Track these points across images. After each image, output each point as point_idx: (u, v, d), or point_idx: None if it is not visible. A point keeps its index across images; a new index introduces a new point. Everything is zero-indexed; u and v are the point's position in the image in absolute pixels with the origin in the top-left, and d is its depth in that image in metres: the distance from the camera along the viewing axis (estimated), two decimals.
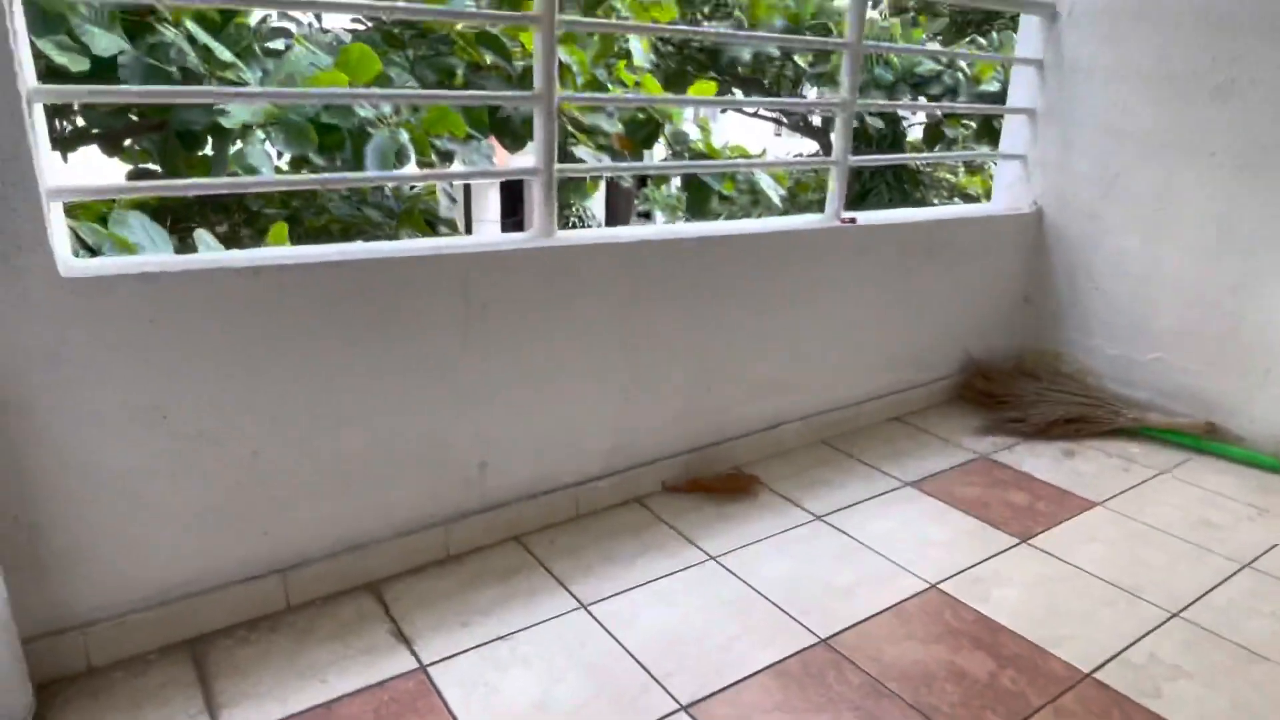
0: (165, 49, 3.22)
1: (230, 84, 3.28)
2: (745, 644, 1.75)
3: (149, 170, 4.33)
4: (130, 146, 4.25)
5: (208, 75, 3.33)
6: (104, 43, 3.06)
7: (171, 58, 3.23)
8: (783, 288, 2.51)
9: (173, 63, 3.24)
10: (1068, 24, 3.03)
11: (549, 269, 2.03)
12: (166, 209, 4.34)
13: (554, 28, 1.92)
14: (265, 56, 3.72)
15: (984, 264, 3.11)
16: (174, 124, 3.41)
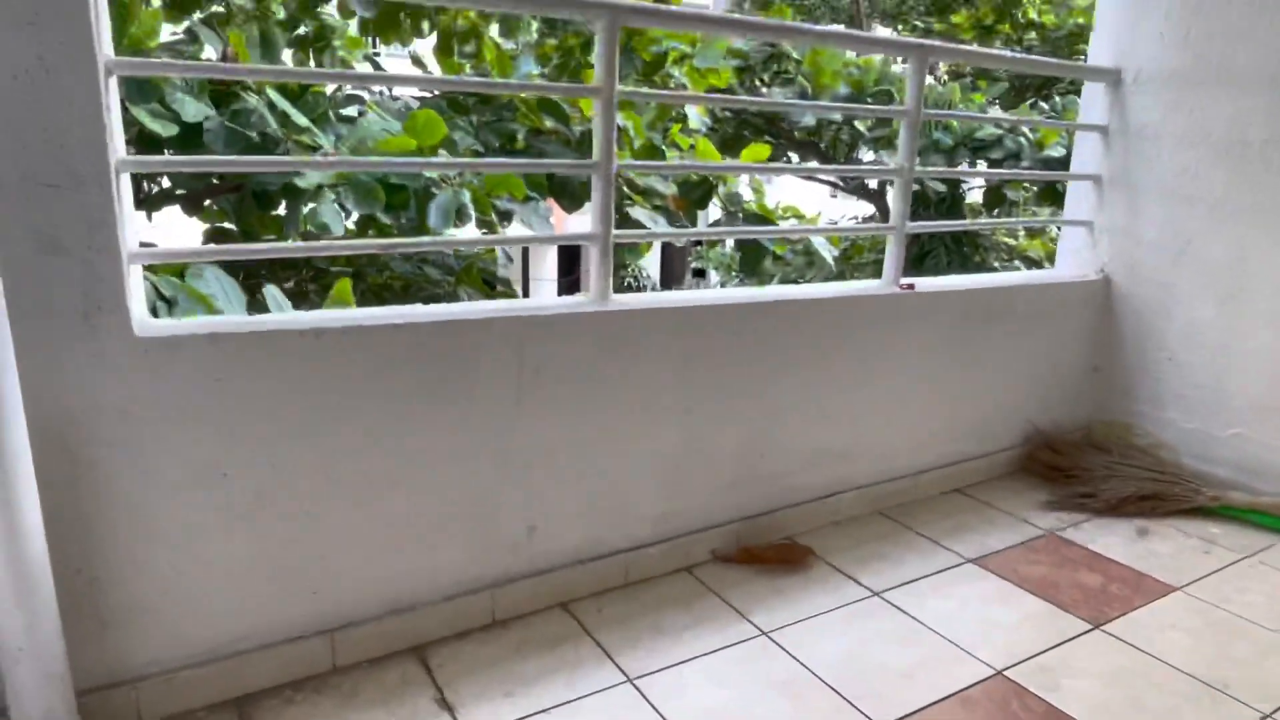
0: (247, 115, 3.41)
1: (306, 148, 3.44)
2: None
3: (225, 229, 4.54)
4: (209, 206, 4.46)
5: (285, 139, 3.51)
6: (192, 110, 3.25)
7: (252, 123, 3.42)
8: (840, 354, 2.47)
9: (253, 128, 3.43)
10: (1132, 90, 2.99)
11: (604, 333, 2.03)
12: (241, 264, 4.53)
13: (613, 99, 1.97)
14: (339, 122, 3.92)
15: (1049, 332, 3.02)
16: (251, 185, 3.59)
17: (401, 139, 3.31)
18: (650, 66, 4.52)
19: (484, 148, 4.34)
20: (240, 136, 3.35)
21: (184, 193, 4.28)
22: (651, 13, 2.03)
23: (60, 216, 1.44)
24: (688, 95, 2.96)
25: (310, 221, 3.73)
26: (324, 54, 4.12)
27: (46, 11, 1.37)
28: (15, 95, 1.37)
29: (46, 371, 1.46)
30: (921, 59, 2.51)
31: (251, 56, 3.36)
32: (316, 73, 3.07)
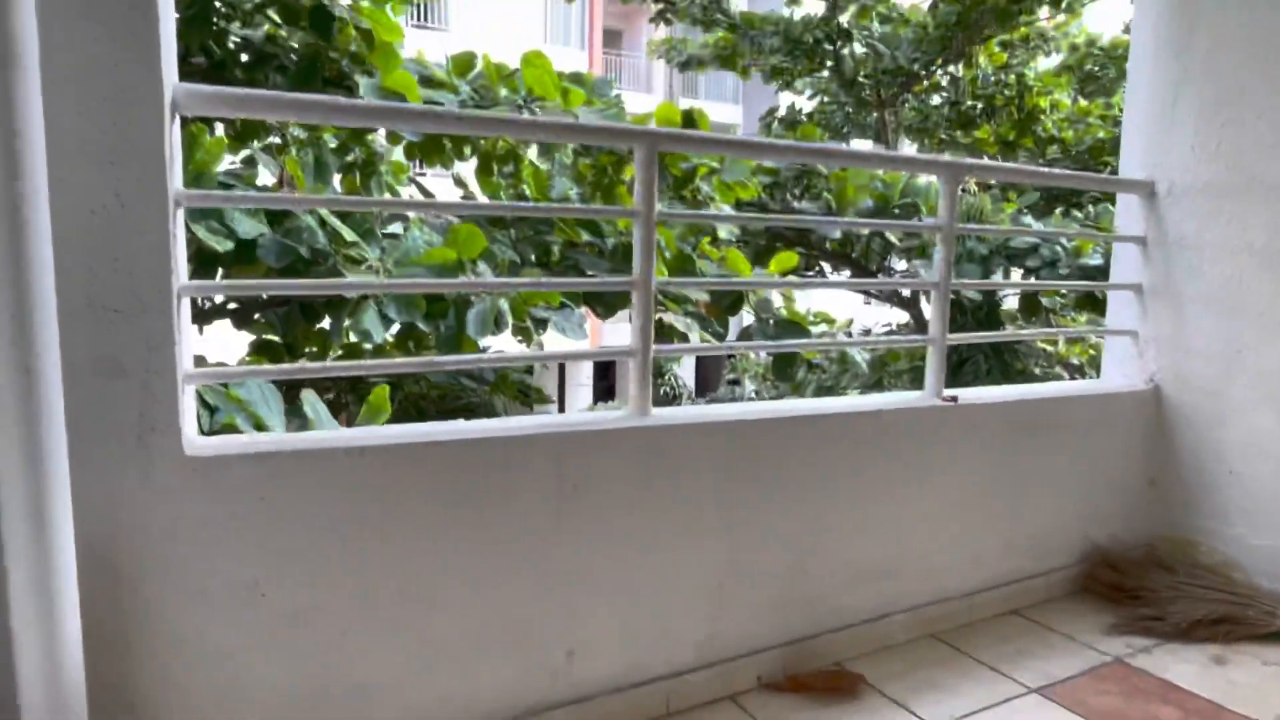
0: (299, 231, 3.59)
1: (353, 261, 3.59)
2: None
3: (270, 341, 4.70)
4: (257, 319, 4.64)
5: (334, 253, 3.67)
6: (247, 227, 3.42)
7: (303, 238, 3.60)
8: (883, 468, 2.42)
9: (304, 243, 3.60)
10: (1167, 201, 3.00)
11: (644, 449, 2.02)
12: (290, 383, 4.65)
13: (652, 220, 2.03)
14: (385, 236, 4.09)
15: (1100, 444, 2.93)
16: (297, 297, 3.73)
17: (442, 251, 3.44)
18: (680, 182, 4.69)
19: (521, 259, 4.48)
20: (291, 250, 3.52)
21: (235, 306, 4.47)
22: (687, 138, 2.12)
23: (122, 340, 1.50)
24: (724, 215, 3.05)
25: (353, 329, 3.85)
26: (371, 178, 4.35)
27: (125, 151, 1.47)
28: (91, 228, 1.45)
29: (97, 490, 1.49)
30: (954, 176, 2.56)
31: (305, 180, 3.57)
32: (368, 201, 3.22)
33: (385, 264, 3.68)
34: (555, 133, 2.53)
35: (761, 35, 8.61)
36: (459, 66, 3.81)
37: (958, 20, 8.03)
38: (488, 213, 3.69)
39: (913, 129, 11.04)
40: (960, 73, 9.20)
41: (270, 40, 3.44)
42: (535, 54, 3.76)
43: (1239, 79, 2.79)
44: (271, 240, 3.58)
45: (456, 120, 2.00)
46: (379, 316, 3.63)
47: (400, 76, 3.34)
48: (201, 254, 3.52)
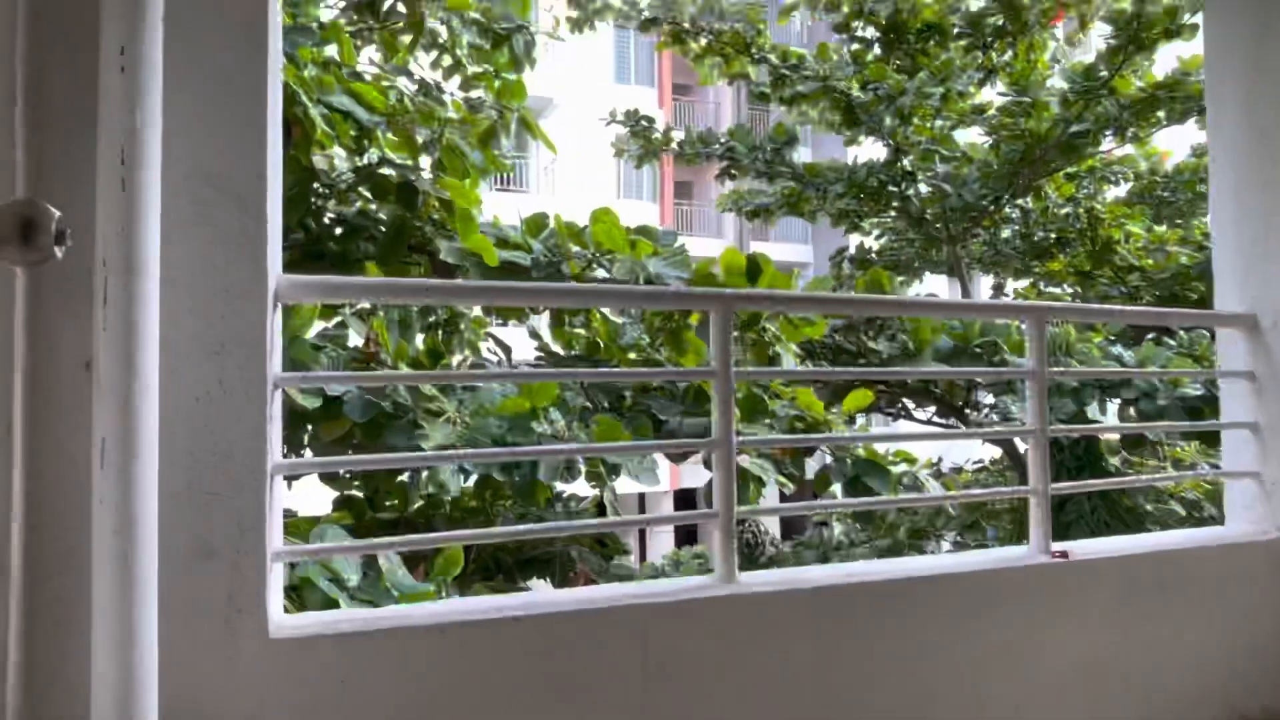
0: (381, 390, 3.72)
1: (432, 414, 3.67)
2: None
3: (353, 497, 4.80)
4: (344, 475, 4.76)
5: (414, 406, 3.78)
6: (334, 385, 3.56)
7: (386, 393, 3.73)
8: (990, 636, 2.23)
9: (387, 398, 3.73)
10: (1274, 334, 2.85)
11: (732, 620, 1.93)
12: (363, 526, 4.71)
13: (730, 379, 2.02)
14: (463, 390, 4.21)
15: (1235, 600, 2.66)
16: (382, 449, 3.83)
17: (516, 401, 3.50)
18: (746, 323, 4.72)
19: (593, 404, 4.53)
20: (375, 406, 3.64)
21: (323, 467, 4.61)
22: (761, 298, 2.14)
23: (216, 522, 1.54)
24: (802, 372, 3.05)
25: (431, 481, 3.90)
26: (453, 334, 4.54)
27: (230, 340, 1.56)
28: (195, 414, 1.52)
29: (183, 674, 1.48)
30: (1039, 320, 2.49)
31: (390, 339, 3.75)
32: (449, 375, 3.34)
33: (463, 415, 3.77)
34: (633, 299, 2.61)
35: (825, 183, 8.89)
36: (532, 227, 4.03)
37: (1022, 157, 8.13)
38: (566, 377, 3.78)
39: (985, 261, 11.01)
40: (1030, 204, 9.22)
41: (362, 214, 3.72)
42: (603, 210, 3.95)
43: None
44: (357, 396, 3.74)
45: (532, 294, 2.08)
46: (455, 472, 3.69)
47: (478, 240, 3.55)
48: (292, 411, 3.69)
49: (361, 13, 4.13)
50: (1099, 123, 7.81)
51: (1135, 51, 7.43)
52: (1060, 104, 7.93)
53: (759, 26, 8.49)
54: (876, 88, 7.76)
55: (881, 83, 7.79)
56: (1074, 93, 7.74)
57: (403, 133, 3.58)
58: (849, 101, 7.81)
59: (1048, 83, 8.40)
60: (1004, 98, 8.44)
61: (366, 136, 3.52)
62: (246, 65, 1.61)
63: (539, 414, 3.38)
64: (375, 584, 2.47)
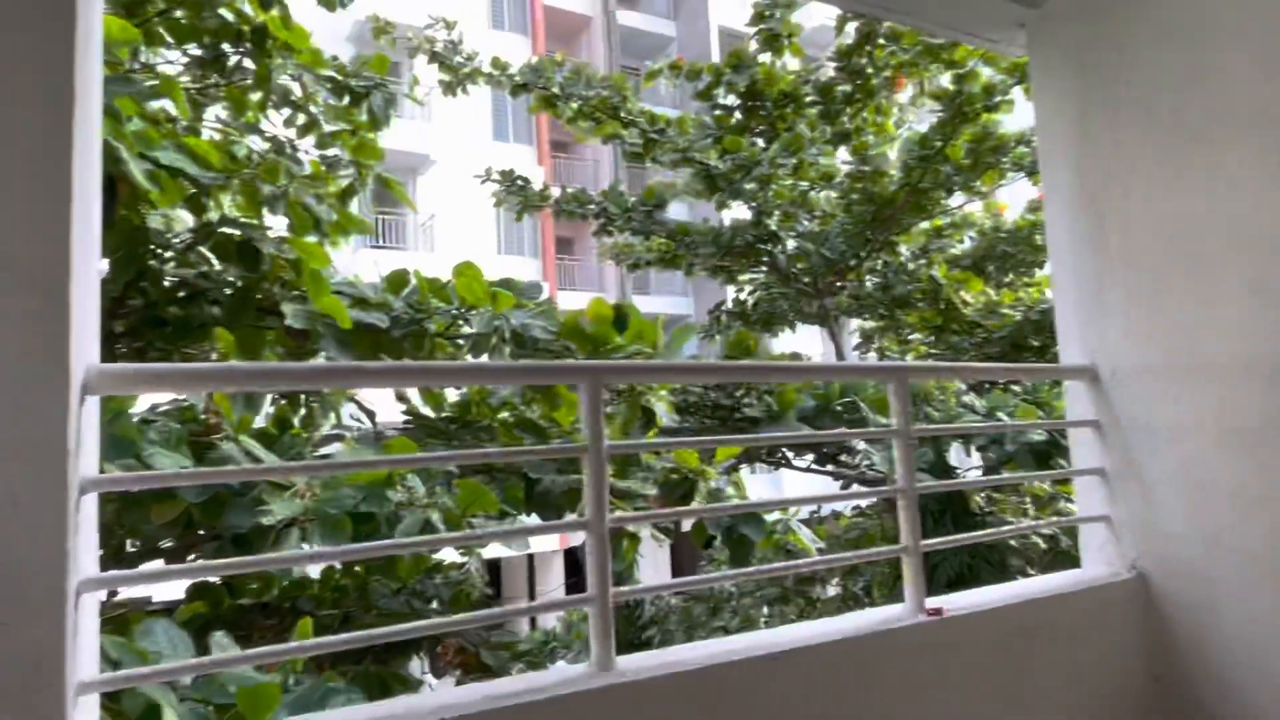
0: (223, 461, 3.40)
1: (279, 488, 3.37)
2: None
3: (208, 584, 4.37)
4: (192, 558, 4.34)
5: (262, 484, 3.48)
6: (165, 462, 3.22)
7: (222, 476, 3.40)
8: (875, 700, 2.21)
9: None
10: (1113, 385, 3.04)
11: (610, 709, 1.81)
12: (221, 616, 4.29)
13: (602, 456, 1.94)
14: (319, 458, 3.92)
15: (1094, 641, 2.77)
16: (221, 530, 3.49)
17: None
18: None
19: (463, 472, 4.33)
20: (212, 486, 3.31)
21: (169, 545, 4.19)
22: (631, 369, 2.09)
23: (4, 656, 1.31)
24: (680, 441, 3.02)
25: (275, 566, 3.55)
26: (314, 402, 4.26)
27: (25, 445, 1.35)
28: None
29: None
30: (902, 380, 2.56)
31: (233, 411, 3.45)
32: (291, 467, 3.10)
33: (312, 487, 3.49)
34: (494, 376, 2.50)
35: (696, 243, 9.16)
36: (393, 285, 3.86)
37: (874, 216, 8.69)
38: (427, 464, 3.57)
39: (852, 312, 11.53)
40: (887, 259, 9.76)
41: (204, 276, 3.46)
42: (466, 264, 3.83)
43: (1157, 267, 2.91)
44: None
45: (382, 375, 1.94)
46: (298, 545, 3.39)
47: (329, 301, 3.35)
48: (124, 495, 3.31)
49: (206, 69, 3.91)
50: (939, 183, 8.55)
51: (961, 123, 8.25)
52: (902, 170, 8.64)
53: (624, 93, 8.74)
54: (734, 158, 8.19)
55: (738, 153, 8.23)
56: (913, 159, 8.48)
57: (247, 190, 3.37)
58: (709, 171, 8.20)
59: (895, 145, 9.07)
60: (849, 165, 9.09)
61: (205, 194, 3.29)
62: (48, 129, 1.44)
63: (394, 482, 3.16)
64: (210, 680, 2.20)
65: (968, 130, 8.41)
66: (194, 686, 2.18)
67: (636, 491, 4.30)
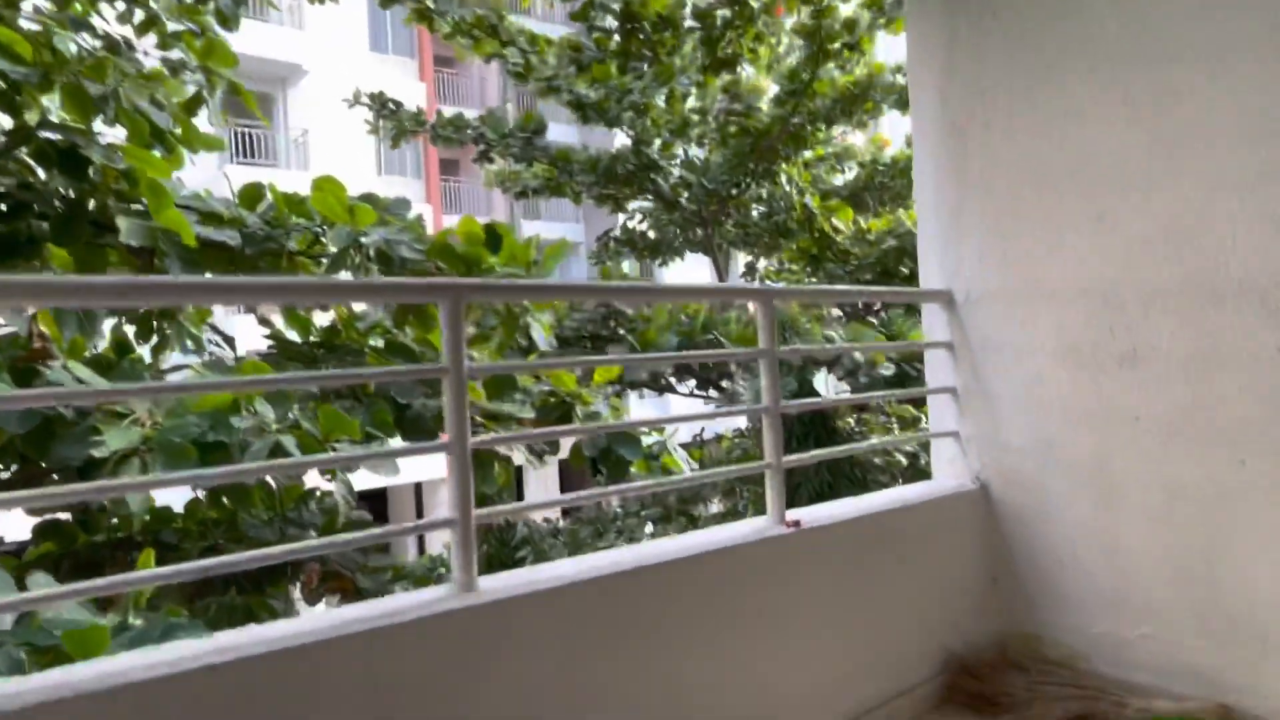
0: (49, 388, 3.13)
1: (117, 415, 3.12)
2: None
3: (57, 522, 4.07)
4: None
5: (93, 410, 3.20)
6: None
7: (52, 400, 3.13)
8: (734, 610, 2.29)
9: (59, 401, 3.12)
10: (966, 308, 3.19)
11: (471, 633, 1.80)
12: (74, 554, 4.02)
13: (463, 378, 1.88)
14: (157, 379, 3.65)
15: (941, 547, 2.97)
16: (51, 464, 3.22)
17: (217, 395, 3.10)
18: None
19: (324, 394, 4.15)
20: (35, 414, 3.03)
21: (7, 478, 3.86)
22: (494, 288, 2.02)
23: None
24: (541, 364, 2.98)
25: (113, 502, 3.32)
26: (167, 328, 3.96)
27: None
28: None
29: None
30: (768, 302, 2.59)
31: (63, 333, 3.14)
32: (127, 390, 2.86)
33: (154, 415, 3.26)
34: (354, 293, 2.36)
35: (577, 170, 8.99)
36: (247, 200, 3.58)
37: (752, 148, 8.76)
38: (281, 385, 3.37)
39: (737, 242, 11.69)
40: (767, 190, 9.88)
41: (25, 188, 3.10)
42: (325, 179, 3.58)
43: (1013, 197, 3.04)
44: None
45: (228, 291, 1.79)
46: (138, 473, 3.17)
47: (171, 216, 3.07)
48: None
49: None
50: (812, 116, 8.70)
51: (824, 59, 8.42)
52: (775, 103, 8.74)
53: (501, 12, 8.34)
54: (604, 87, 8.04)
55: (608, 82, 8.08)
56: (784, 93, 8.58)
57: (71, 90, 3.00)
58: (579, 100, 8.03)
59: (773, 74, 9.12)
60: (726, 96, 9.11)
61: (18, 93, 2.91)
62: None
63: (240, 408, 2.99)
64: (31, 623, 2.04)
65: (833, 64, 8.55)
66: (12, 633, 2.01)
67: (511, 415, 4.25)
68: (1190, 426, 2.63)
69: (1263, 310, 2.49)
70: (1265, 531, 2.50)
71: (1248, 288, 2.52)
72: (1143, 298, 2.72)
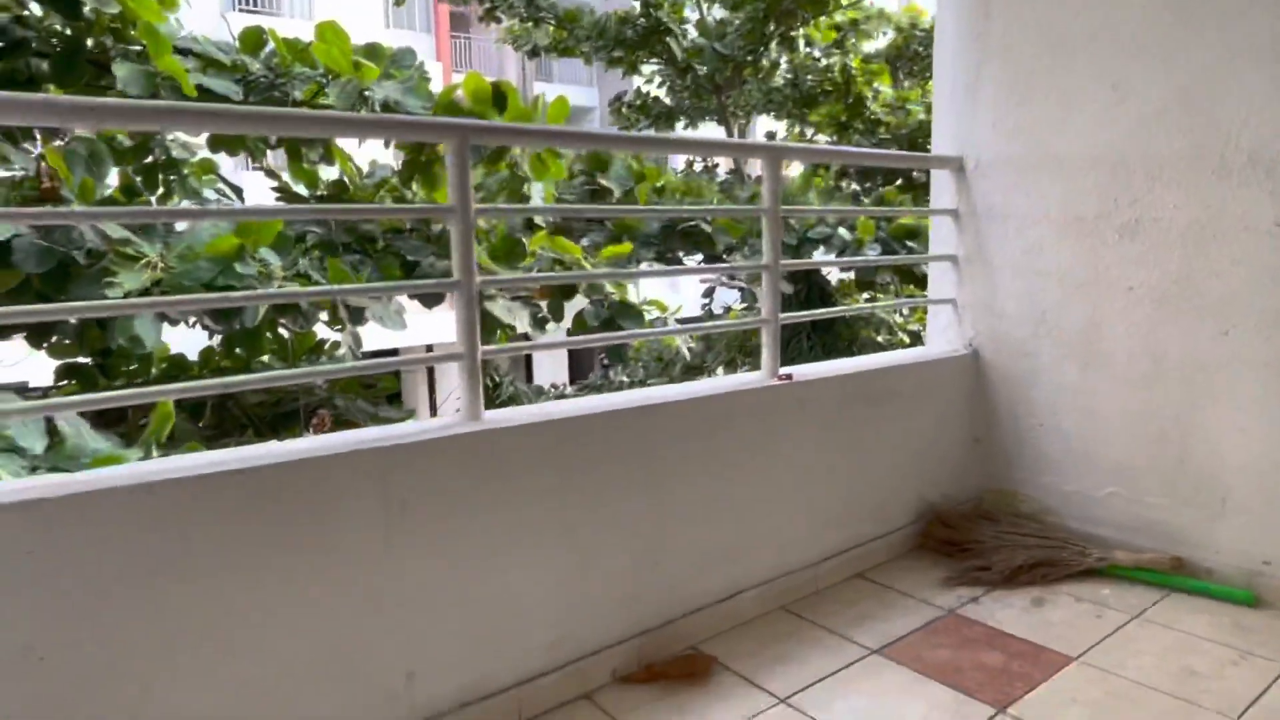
0: (65, 230, 3.20)
1: (129, 259, 3.22)
2: None
3: (79, 365, 4.24)
4: (57, 342, 4.18)
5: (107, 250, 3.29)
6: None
7: (72, 239, 3.21)
8: (725, 452, 2.45)
9: (73, 244, 3.21)
10: (975, 176, 3.19)
11: (476, 456, 1.94)
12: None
13: (469, 218, 1.94)
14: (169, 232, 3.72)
15: (928, 408, 3.10)
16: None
17: (226, 239, 3.18)
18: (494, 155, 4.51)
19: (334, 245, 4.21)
20: (53, 254, 3.13)
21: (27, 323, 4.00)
22: (499, 130, 2.04)
23: None
24: (546, 208, 2.99)
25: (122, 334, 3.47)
26: (173, 179, 3.98)
27: None
28: None
29: None
30: (775, 159, 2.60)
31: (73, 175, 3.18)
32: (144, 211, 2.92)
33: (166, 260, 3.34)
34: (357, 128, 2.37)
35: (583, 33, 8.63)
36: (248, 44, 3.51)
37: (765, 14, 8.34)
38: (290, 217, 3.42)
39: (758, 108, 11.35)
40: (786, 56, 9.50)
41: (20, 23, 3.05)
42: (329, 26, 3.50)
43: (1031, 63, 2.98)
44: (28, 243, 3.19)
45: (236, 119, 1.83)
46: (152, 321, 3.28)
47: (169, 63, 3.03)
48: None
49: None
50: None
51: None
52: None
53: None
54: None
55: None
56: None
57: None
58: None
59: None
60: None
61: None
62: None
63: (247, 254, 3.06)
64: (60, 451, 2.19)
65: None
66: (44, 458, 2.16)
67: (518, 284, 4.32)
68: (1181, 297, 2.69)
69: (1268, 183, 2.50)
70: (1240, 400, 2.61)
71: (1256, 160, 2.52)
72: (1150, 169, 2.72)
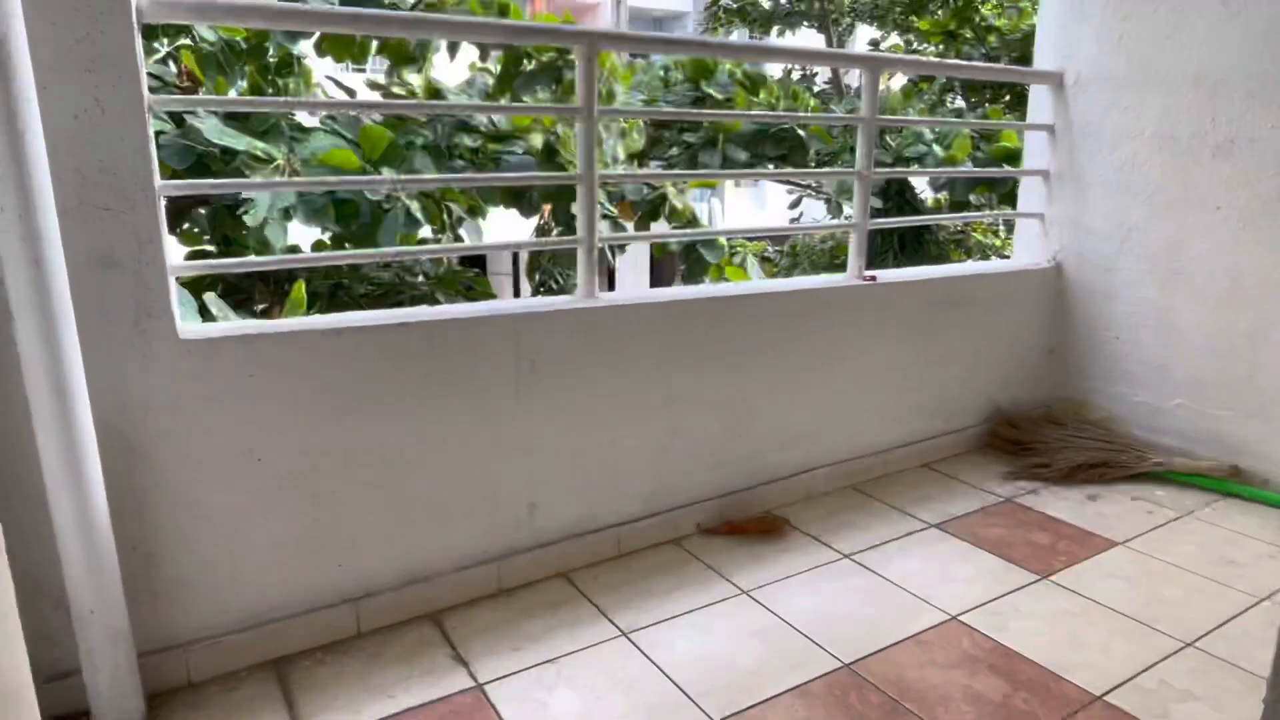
0: (199, 132, 3.66)
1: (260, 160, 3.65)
2: (773, 668, 1.89)
3: (206, 250, 4.75)
4: (189, 229, 4.69)
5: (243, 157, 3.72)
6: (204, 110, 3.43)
7: (206, 139, 3.67)
8: (810, 342, 2.70)
9: (206, 143, 3.66)
10: (1074, 91, 3.23)
11: (592, 327, 2.26)
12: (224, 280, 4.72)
13: (594, 116, 2.20)
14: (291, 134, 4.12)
15: (1006, 317, 3.25)
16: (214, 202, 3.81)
17: (343, 153, 3.54)
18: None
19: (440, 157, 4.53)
20: (192, 151, 3.60)
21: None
22: (625, 38, 2.26)
23: (114, 236, 1.66)
24: (662, 111, 3.19)
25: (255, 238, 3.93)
26: (289, 78, 4.34)
27: (99, 59, 1.59)
28: (76, 132, 1.58)
29: (105, 371, 1.67)
30: (874, 71, 2.74)
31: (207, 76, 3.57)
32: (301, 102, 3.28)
33: (292, 163, 3.73)
34: (493, 33, 2.60)
35: None
36: None
37: None
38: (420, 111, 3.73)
39: (864, 15, 11.00)
40: None
41: None
42: None
43: None
44: (173, 141, 3.63)
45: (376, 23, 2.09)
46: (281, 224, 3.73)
47: None
48: None
49: None
50: None
51: None
52: None
53: None
54: None
55: None
56: None
57: None
58: None
59: None
60: None
61: None
62: None
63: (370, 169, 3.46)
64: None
65: None
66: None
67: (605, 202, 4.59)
68: (1266, 217, 2.75)
69: None
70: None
71: None
72: (1252, 88, 2.74)
